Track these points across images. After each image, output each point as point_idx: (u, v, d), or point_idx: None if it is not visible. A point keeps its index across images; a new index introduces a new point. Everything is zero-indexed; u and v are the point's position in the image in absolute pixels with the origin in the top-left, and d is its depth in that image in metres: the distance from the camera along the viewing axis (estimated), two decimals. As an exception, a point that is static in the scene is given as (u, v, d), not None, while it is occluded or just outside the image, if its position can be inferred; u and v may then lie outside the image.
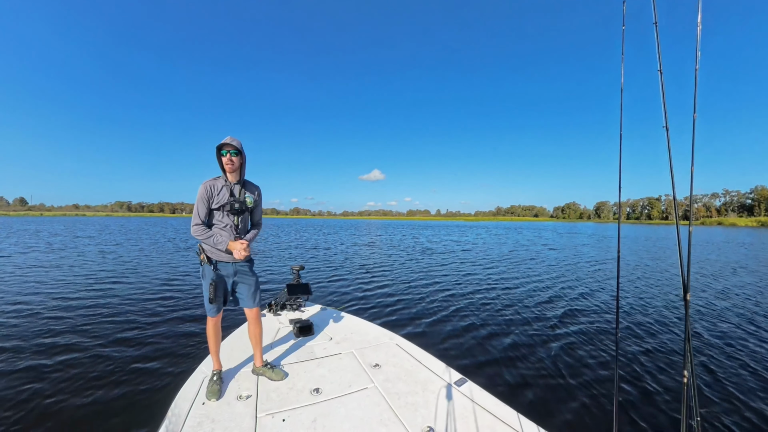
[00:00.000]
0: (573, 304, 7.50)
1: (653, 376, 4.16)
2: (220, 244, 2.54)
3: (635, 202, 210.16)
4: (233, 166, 2.57)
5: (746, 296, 8.40)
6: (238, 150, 2.55)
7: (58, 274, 10.10)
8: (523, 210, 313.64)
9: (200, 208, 2.54)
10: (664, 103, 1.57)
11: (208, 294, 2.56)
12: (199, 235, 2.53)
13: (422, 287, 9.02)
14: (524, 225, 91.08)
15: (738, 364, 4.52)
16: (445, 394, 2.55)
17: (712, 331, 5.75)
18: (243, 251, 2.58)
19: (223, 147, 2.52)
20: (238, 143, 2.56)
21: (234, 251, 2.57)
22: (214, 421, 2.19)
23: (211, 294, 2.54)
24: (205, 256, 2.59)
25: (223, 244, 2.54)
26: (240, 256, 2.58)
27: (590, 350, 4.91)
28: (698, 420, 1.37)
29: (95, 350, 4.62)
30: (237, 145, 2.54)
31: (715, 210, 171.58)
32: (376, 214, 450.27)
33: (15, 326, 5.49)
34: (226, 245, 2.54)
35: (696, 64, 1.49)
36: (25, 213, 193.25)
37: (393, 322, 6.02)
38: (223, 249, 2.55)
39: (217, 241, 2.53)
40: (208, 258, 2.59)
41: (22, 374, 3.93)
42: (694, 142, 1.54)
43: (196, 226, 2.54)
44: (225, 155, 2.53)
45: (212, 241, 2.53)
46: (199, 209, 2.54)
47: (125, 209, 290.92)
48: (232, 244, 2.57)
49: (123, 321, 5.83)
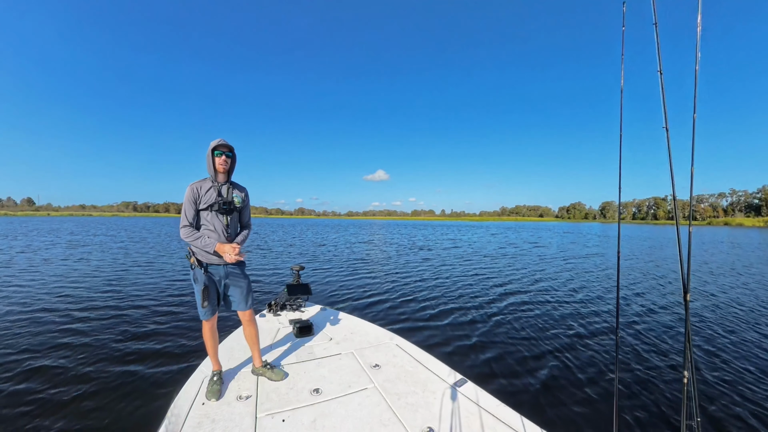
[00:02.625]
0: (573, 304, 7.46)
1: (653, 376, 4.14)
2: (208, 246, 2.52)
3: (641, 202, 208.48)
4: (226, 167, 2.62)
5: (746, 297, 8.32)
6: (231, 152, 2.63)
7: (58, 275, 10.19)
8: (528, 210, 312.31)
9: (188, 209, 2.54)
10: (664, 104, 1.56)
11: (200, 298, 2.56)
12: (188, 237, 2.52)
13: (423, 287, 9.00)
14: (527, 225, 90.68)
15: (738, 365, 4.49)
16: (445, 395, 2.55)
17: (713, 332, 5.70)
18: (234, 256, 2.56)
19: (218, 148, 2.57)
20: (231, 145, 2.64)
21: (224, 255, 2.55)
22: (214, 421, 2.19)
23: (202, 298, 2.55)
24: (195, 260, 2.57)
25: (210, 246, 2.52)
26: (231, 260, 2.56)
27: (590, 351, 4.88)
28: (698, 420, 1.37)
29: (95, 350, 4.64)
30: (231, 146, 2.62)
31: (722, 210, 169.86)
32: (381, 214, 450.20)
33: (15, 327, 5.53)
34: (213, 247, 2.52)
35: (696, 65, 1.48)
36: (32, 213, 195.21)
37: (393, 322, 6.01)
38: (210, 251, 2.53)
39: (205, 243, 2.52)
40: (198, 261, 2.58)
41: (21, 374, 3.95)
42: (694, 143, 1.54)
43: (185, 228, 2.54)
44: (220, 156, 2.58)
45: (200, 243, 2.52)
46: (186, 211, 2.54)
47: (131, 209, 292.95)
48: (222, 247, 2.55)
49: (123, 321, 5.87)
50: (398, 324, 5.95)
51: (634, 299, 7.95)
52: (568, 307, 7.18)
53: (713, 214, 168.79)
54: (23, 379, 3.82)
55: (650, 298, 8.07)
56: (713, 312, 6.93)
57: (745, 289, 9.26)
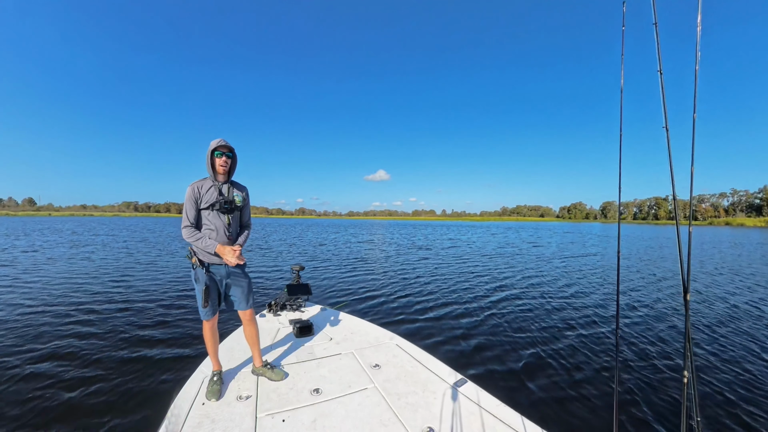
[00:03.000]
0: (573, 304, 7.45)
1: (653, 376, 4.14)
2: (209, 248, 2.51)
3: (642, 202, 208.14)
4: (226, 168, 2.63)
5: (746, 296, 8.30)
6: (232, 152, 2.64)
7: (58, 274, 10.21)
8: (529, 210, 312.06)
9: (189, 209, 2.54)
10: (664, 104, 1.56)
11: (202, 298, 2.56)
12: (190, 237, 2.52)
13: (423, 287, 9.00)
14: (528, 225, 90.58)
15: (738, 365, 4.49)
16: (446, 395, 2.55)
17: (713, 331, 5.69)
18: (235, 259, 2.55)
19: (218, 149, 2.57)
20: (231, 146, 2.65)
21: (225, 257, 2.54)
22: (214, 421, 2.19)
23: (204, 298, 2.55)
24: (197, 259, 2.57)
25: (212, 248, 2.51)
26: (232, 263, 2.56)
27: (590, 351, 4.88)
28: (698, 420, 1.36)
29: (95, 350, 4.65)
30: (231, 147, 2.63)
31: (723, 210, 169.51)
32: (382, 215, 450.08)
33: (15, 326, 5.54)
34: (214, 248, 2.51)
35: (696, 65, 1.48)
36: (33, 213, 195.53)
37: (393, 322, 6.02)
38: (211, 252, 2.53)
39: (206, 245, 2.51)
40: (200, 261, 2.57)
41: (21, 374, 3.95)
42: (694, 143, 1.53)
43: (186, 228, 2.54)
44: (220, 156, 2.58)
45: (202, 244, 2.52)
46: (188, 211, 2.54)
47: (132, 209, 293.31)
48: (223, 249, 2.54)
49: (123, 321, 5.87)
50: (398, 324, 5.94)
51: (633, 299, 7.94)
52: (567, 307, 7.17)
53: (714, 214, 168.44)
54: (23, 379, 3.83)
55: (650, 298, 8.06)
56: (713, 312, 6.92)
57: (745, 289, 9.25)
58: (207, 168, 2.61)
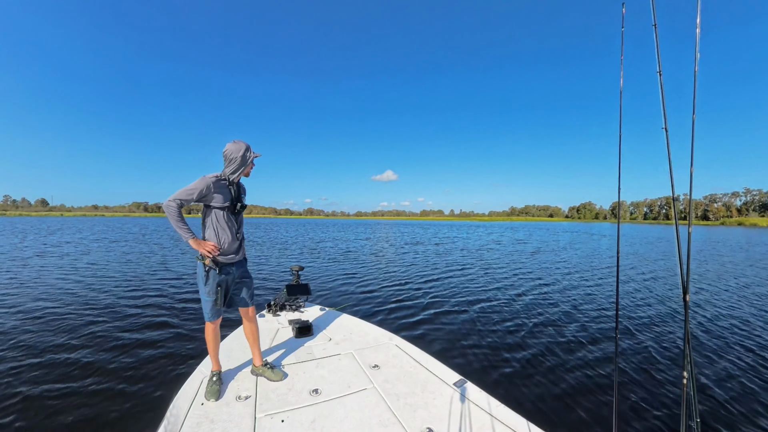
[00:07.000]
0: (572, 304, 7.41)
1: (653, 377, 4.12)
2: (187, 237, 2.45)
3: (653, 201, 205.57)
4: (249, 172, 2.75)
5: (747, 296, 8.16)
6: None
7: (58, 275, 10.35)
8: (538, 210, 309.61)
9: (190, 195, 2.44)
10: (663, 105, 1.54)
11: (214, 299, 2.56)
12: (175, 215, 2.40)
13: (423, 287, 8.99)
14: (536, 225, 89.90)
15: (738, 365, 4.46)
16: (445, 395, 2.54)
17: (713, 331, 5.67)
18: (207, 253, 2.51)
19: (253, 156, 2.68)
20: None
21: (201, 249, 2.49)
22: (213, 421, 2.21)
23: (218, 299, 2.56)
24: (211, 261, 2.53)
25: (187, 238, 2.45)
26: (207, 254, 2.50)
27: (590, 351, 4.86)
28: (698, 421, 1.35)
29: (95, 350, 4.68)
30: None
31: (736, 210, 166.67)
32: (390, 215, 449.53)
33: (14, 327, 5.58)
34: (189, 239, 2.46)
35: (695, 66, 1.46)
36: (46, 213, 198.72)
37: (393, 323, 6.02)
38: (186, 241, 2.46)
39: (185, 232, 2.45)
40: (215, 261, 2.55)
41: (20, 374, 3.99)
42: (693, 143, 1.51)
43: (176, 203, 2.40)
44: (252, 164, 2.70)
45: (183, 229, 2.44)
46: (187, 195, 2.44)
47: (142, 210, 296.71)
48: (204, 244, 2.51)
49: (123, 320, 5.92)
50: (398, 324, 5.95)
51: (633, 299, 7.90)
52: (567, 307, 7.14)
53: (727, 213, 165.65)
54: (22, 379, 3.86)
55: (650, 298, 8.00)
56: (713, 312, 6.84)
57: (746, 289, 9.13)
58: (232, 165, 2.59)
